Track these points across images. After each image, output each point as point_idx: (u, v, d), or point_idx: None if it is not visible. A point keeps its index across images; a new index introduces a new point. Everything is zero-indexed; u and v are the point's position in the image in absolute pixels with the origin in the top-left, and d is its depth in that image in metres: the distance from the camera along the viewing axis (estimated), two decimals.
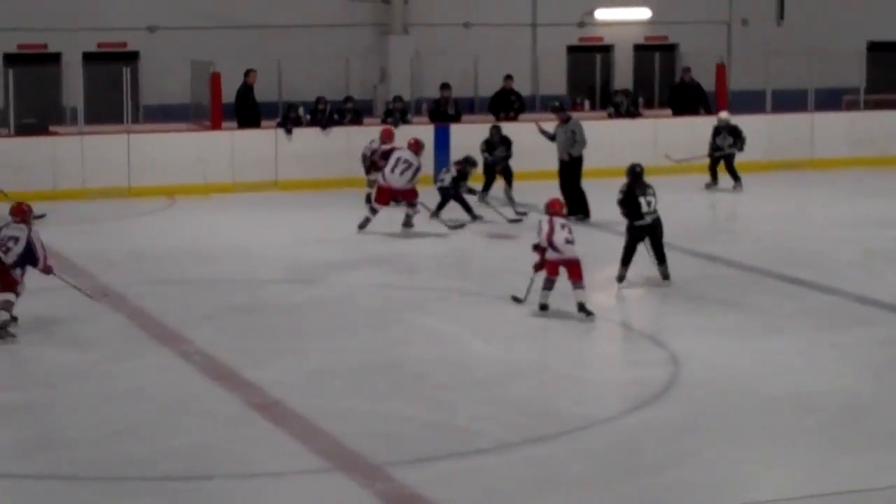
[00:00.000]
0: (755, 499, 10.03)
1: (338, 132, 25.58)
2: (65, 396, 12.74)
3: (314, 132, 25.67)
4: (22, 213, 14.99)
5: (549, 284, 15.41)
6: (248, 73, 26.46)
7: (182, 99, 28.85)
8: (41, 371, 13.71)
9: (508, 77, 27.72)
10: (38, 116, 26.78)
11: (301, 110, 26.28)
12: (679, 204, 22.73)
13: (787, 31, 33.16)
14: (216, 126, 26.28)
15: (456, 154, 25.16)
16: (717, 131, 25.24)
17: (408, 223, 20.38)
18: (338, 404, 12.43)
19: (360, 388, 13.01)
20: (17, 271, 14.83)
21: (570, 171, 22.00)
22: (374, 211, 20.56)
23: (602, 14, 32.54)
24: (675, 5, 32.68)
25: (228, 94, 26.32)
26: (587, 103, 31.21)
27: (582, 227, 19.96)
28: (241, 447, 11.33)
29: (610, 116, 27.89)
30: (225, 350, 13.99)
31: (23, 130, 25.66)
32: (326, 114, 26.18)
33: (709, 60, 29.93)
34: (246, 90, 26.42)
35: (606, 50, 33.06)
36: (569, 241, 15.32)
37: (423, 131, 25.82)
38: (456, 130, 25.98)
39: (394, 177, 20.27)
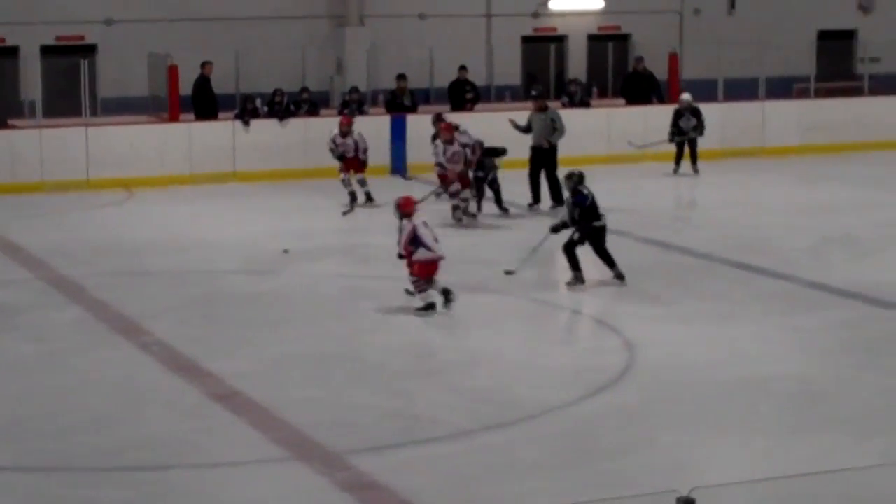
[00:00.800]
0: (709, 482, 10.05)
1: (295, 123, 25.57)
2: (24, 388, 12.68)
3: (271, 123, 25.64)
4: None
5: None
6: (204, 64, 26.38)
7: (140, 91, 28.75)
8: (2, 361, 13.65)
9: (463, 68, 27.76)
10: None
11: (258, 102, 26.25)
12: (634, 192, 22.86)
13: (738, 21, 33.28)
14: (174, 118, 26.23)
15: (413, 145, 25.27)
16: (680, 114, 25.29)
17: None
18: (297, 394, 12.42)
19: (319, 377, 13.01)
20: None
21: (547, 158, 22.07)
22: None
23: (556, 4, 32.58)
24: None
25: (186, 87, 26.25)
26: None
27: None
28: (202, 437, 11.31)
29: (564, 106, 27.90)
30: (184, 341, 13.97)
31: None
32: (283, 105, 26.15)
33: (661, 50, 30.02)
34: (203, 82, 26.34)
35: (560, 40, 33.13)
36: (436, 240, 15.10)
37: (380, 122, 25.90)
38: (412, 121, 25.96)
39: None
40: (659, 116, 26.34)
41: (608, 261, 16.42)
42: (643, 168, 25.38)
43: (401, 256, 14.95)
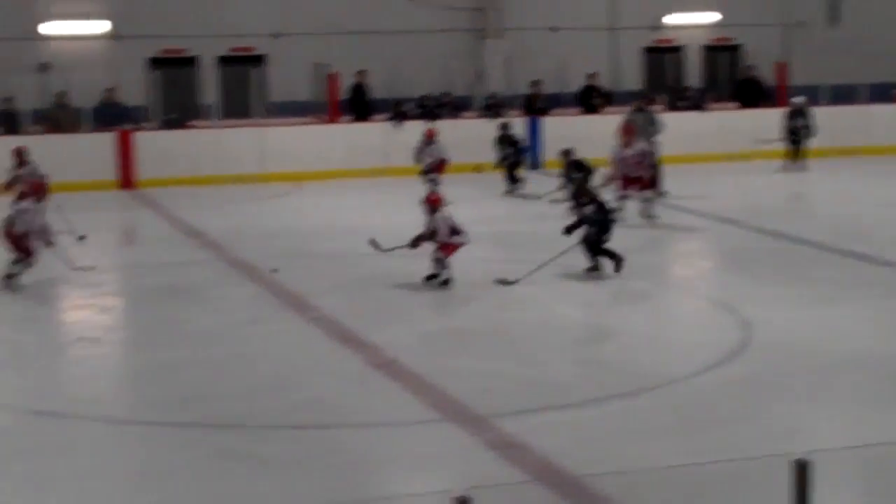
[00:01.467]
0: (819, 447, 9.94)
1: (441, 125, 25.61)
2: (208, 356, 12.86)
3: (420, 124, 25.72)
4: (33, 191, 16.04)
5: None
6: (358, 72, 26.54)
7: (304, 96, 29.02)
8: (186, 333, 13.86)
9: (592, 74, 27.63)
10: (179, 112, 27.07)
11: (408, 106, 26.37)
12: (747, 186, 22.61)
13: (840, 32, 32.78)
14: (333, 120, 26.41)
15: (548, 142, 25.28)
16: (793, 115, 24.93)
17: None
18: (447, 363, 12.47)
19: (466, 349, 13.04)
20: (32, 242, 15.42)
21: None
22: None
23: (673, 18, 32.33)
24: (740, 9, 32.40)
25: (345, 93, 26.47)
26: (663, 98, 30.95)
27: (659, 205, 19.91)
28: (363, 401, 11.38)
29: (681, 110, 27.73)
30: (347, 316, 14.06)
31: (166, 125, 25.92)
32: (430, 108, 26.25)
33: (770, 59, 29.70)
34: (359, 88, 26.51)
35: (677, 50, 32.86)
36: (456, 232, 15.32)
37: (518, 123, 25.89)
38: (546, 122, 25.91)
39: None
40: (767, 118, 26.05)
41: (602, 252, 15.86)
42: (755, 165, 25.11)
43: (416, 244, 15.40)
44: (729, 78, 31.96)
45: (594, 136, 24.75)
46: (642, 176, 19.49)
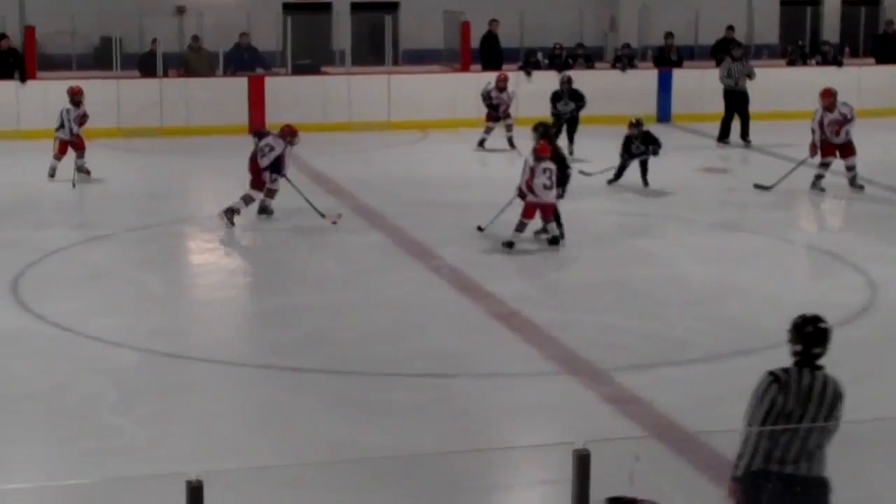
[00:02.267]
0: None
1: (572, 74, 25.42)
2: (330, 302, 12.98)
3: (551, 75, 25.56)
4: (284, 132, 16.45)
5: (520, 227, 14.64)
6: (491, 22, 26.46)
7: (436, 44, 29.01)
8: (309, 279, 13.99)
9: (730, 27, 27.24)
10: (312, 58, 27.23)
11: (539, 55, 26.23)
12: (883, 145, 22.13)
13: None
14: (465, 68, 26.39)
15: (678, 97, 25.00)
16: None
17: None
18: (568, 316, 12.46)
19: (587, 302, 13.03)
20: (267, 175, 15.99)
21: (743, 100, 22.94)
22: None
23: None
24: None
25: (476, 41, 26.42)
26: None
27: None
28: (483, 350, 11.44)
29: (818, 64, 27.25)
30: (469, 265, 14.09)
31: (298, 70, 26.09)
32: (562, 58, 26.10)
33: None
34: (490, 37, 26.44)
35: (816, 3, 32.26)
36: (546, 187, 14.48)
37: (649, 75, 25.64)
38: (678, 75, 25.63)
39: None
40: None
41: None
42: (892, 122, 24.59)
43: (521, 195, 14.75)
44: (867, 33, 31.34)
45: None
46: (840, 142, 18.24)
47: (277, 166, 16.19)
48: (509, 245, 14.57)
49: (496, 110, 22.04)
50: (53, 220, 16.44)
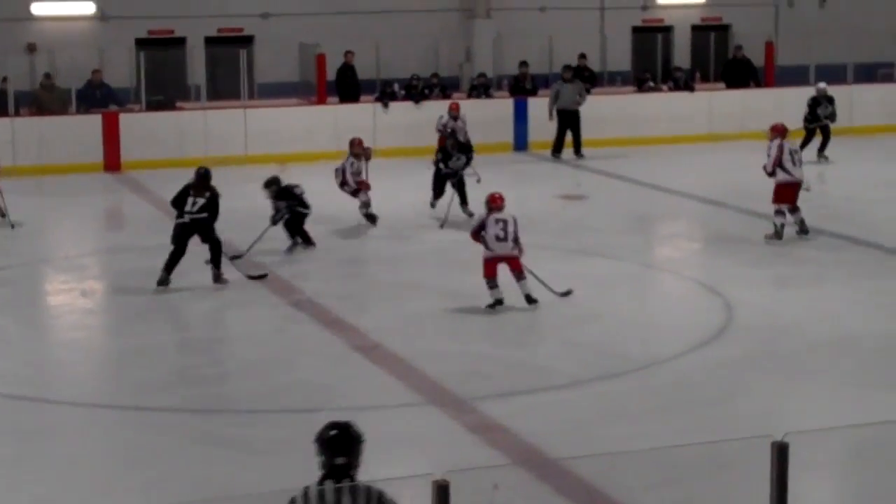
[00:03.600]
0: (799, 428, 9.96)
1: (429, 105, 25.54)
2: (191, 339, 12.87)
3: (408, 106, 25.68)
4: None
5: (491, 284, 13.57)
6: (346, 53, 26.47)
7: (292, 77, 28.97)
8: (168, 317, 13.84)
9: (582, 56, 27.58)
10: (166, 94, 27.00)
11: (396, 86, 26.33)
12: (734, 167, 22.54)
13: (828, 12, 32.74)
14: (321, 101, 26.39)
15: (534, 125, 25.22)
16: (817, 101, 24.44)
17: None
18: (431, 346, 12.49)
19: (449, 331, 13.07)
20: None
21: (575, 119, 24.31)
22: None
23: None
24: None
25: (332, 73, 26.43)
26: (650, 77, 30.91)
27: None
28: (347, 383, 11.43)
29: (669, 90, 27.71)
30: (331, 299, 14.06)
31: (152, 106, 25.86)
32: (419, 89, 26.21)
33: (758, 39, 29.67)
34: (346, 69, 26.45)
35: (667, 30, 32.81)
36: (500, 238, 13.50)
37: (504, 104, 25.86)
38: (533, 103, 25.87)
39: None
40: (754, 99, 26.09)
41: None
42: (743, 145, 25.08)
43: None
44: (717, 58, 31.93)
45: (582, 117, 24.78)
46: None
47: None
48: (499, 303, 13.51)
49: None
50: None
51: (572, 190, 20.85)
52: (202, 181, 15.15)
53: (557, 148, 24.25)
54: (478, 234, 13.59)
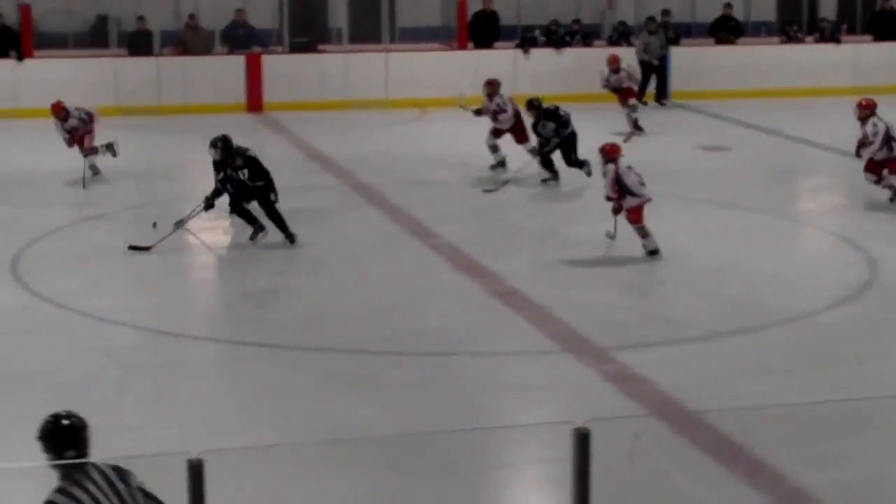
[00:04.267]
0: None
1: (569, 52, 25.37)
2: (328, 280, 12.95)
3: (548, 52, 25.52)
4: None
5: (644, 231, 13.52)
6: (485, 0, 26.35)
7: (433, 21, 28.92)
8: (306, 257, 13.93)
9: (728, 5, 27.16)
10: (309, 36, 27.14)
11: (537, 33, 26.17)
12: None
13: None
14: (462, 46, 26.32)
15: (676, 74, 24.94)
16: None
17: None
18: (567, 294, 12.44)
19: (587, 280, 13.00)
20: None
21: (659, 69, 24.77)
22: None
23: None
24: None
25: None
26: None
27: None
28: (482, 329, 11.43)
29: (816, 41, 27.21)
30: (468, 244, 14.05)
31: (295, 48, 26.04)
32: (559, 35, 26.03)
33: None
34: (481, 15, 26.32)
35: None
36: (642, 183, 13.44)
37: None
38: (675, 52, 25.56)
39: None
40: None
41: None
42: (890, 99, 24.56)
43: (608, 198, 13.63)
44: (865, 10, 31.23)
45: (726, 67, 24.48)
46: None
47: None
48: (654, 253, 13.46)
49: (622, 93, 21.36)
50: (53, 199, 16.39)
51: (715, 142, 20.55)
52: (229, 152, 14.13)
53: (639, 95, 23.83)
54: (617, 184, 13.42)
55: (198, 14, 25.73)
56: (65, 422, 5.81)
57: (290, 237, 13.97)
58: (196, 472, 4.76)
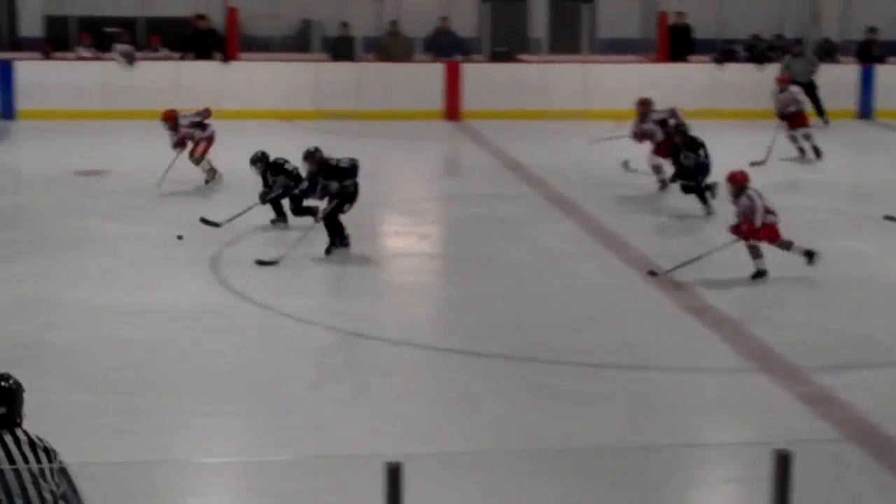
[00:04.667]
0: None
1: (772, 68, 24.97)
2: (522, 289, 12.92)
3: (748, 67, 25.18)
4: None
5: (786, 245, 13.21)
6: (677, 13, 26.11)
7: (633, 34, 28.78)
8: (502, 265, 13.93)
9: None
10: (508, 45, 27.25)
11: (738, 47, 25.86)
12: None
13: None
14: (661, 59, 26.12)
15: (881, 93, 24.40)
16: None
17: None
18: (763, 312, 12.23)
19: (782, 298, 12.76)
20: None
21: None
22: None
23: None
24: None
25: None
26: None
27: None
28: (676, 344, 11.27)
29: None
30: (663, 258, 13.87)
31: (495, 57, 26.15)
32: (760, 50, 25.66)
33: None
34: (674, 28, 26.07)
35: None
36: (771, 211, 13.08)
37: (849, 70, 25.09)
38: (881, 71, 25.02)
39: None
40: None
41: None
42: None
43: (740, 227, 13.08)
44: None
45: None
46: None
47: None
48: (762, 275, 13.16)
49: (787, 116, 20.49)
50: (253, 198, 16.65)
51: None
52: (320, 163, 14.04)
53: (820, 113, 23.81)
54: (748, 214, 13.01)
55: (399, 21, 26.00)
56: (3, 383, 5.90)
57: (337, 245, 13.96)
58: (394, 475, 4.76)
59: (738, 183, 13.18)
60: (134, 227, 15.09)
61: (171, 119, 17.56)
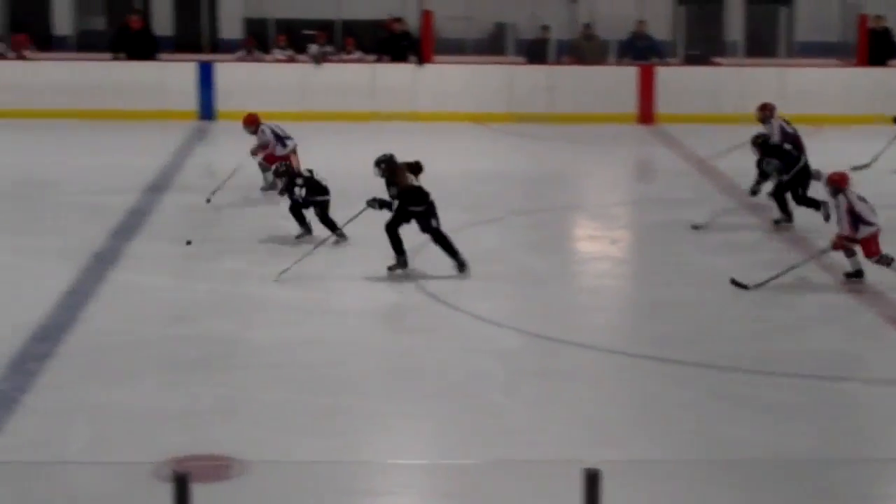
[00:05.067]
0: None
1: None
2: (715, 296, 12.76)
3: None
4: None
5: (886, 260, 12.78)
6: (877, 17, 25.48)
7: (831, 37, 28.25)
8: (691, 271, 13.76)
9: None
10: (703, 48, 27.01)
11: None
12: None
13: None
14: (861, 63, 25.58)
15: None
16: None
17: None
18: None
19: None
20: None
21: None
22: None
23: None
24: None
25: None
26: None
27: None
28: (875, 355, 11.03)
29: None
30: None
31: (689, 60, 25.94)
32: None
33: None
34: (875, 32, 25.46)
35: None
36: (873, 210, 12.65)
37: None
38: None
39: None
40: None
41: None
42: None
43: (842, 239, 12.76)
44: None
45: None
46: None
47: None
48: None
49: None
50: (446, 202, 16.77)
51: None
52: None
53: None
54: (850, 216, 12.63)
55: (594, 24, 25.94)
56: None
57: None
58: (592, 482, 4.76)
59: (836, 184, 12.85)
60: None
61: (252, 123, 16.96)
